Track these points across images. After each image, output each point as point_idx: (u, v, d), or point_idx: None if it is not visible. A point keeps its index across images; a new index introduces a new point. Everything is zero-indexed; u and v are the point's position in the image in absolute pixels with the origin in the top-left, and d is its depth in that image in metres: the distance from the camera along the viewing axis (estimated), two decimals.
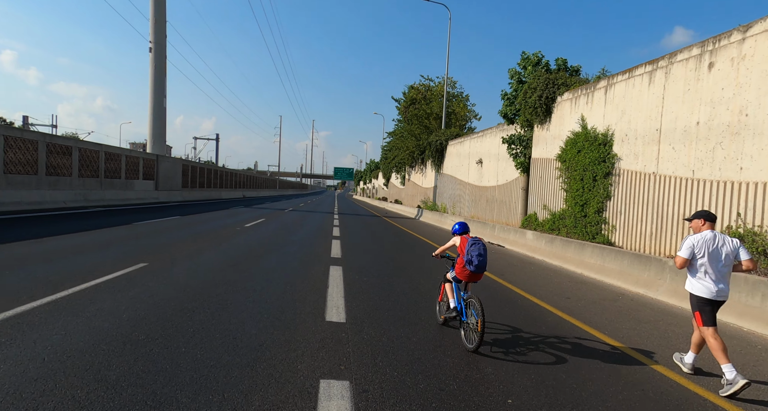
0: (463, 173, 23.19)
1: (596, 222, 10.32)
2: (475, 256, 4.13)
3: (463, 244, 4.28)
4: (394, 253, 11.02)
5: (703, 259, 3.65)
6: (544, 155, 13.18)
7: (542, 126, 13.25)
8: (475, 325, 3.96)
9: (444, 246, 4.71)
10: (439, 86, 34.60)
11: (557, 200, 12.32)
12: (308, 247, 11.10)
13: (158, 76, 28.45)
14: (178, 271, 6.95)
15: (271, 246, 10.82)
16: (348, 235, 14.47)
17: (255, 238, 12.29)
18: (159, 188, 27.74)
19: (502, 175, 18.03)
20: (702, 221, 3.80)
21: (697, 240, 3.70)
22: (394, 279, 7.57)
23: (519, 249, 12.89)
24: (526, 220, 13.82)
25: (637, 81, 9.25)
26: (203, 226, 14.51)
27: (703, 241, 3.67)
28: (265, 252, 9.72)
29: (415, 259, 10.03)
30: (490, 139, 19.65)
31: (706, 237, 3.68)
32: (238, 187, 53.03)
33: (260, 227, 15.51)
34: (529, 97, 13.25)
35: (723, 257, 3.62)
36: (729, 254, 3.64)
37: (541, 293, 7.13)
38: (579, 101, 11.46)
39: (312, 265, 8.47)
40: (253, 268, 7.65)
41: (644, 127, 8.95)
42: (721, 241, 3.65)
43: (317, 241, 12.29)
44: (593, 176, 10.44)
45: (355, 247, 11.57)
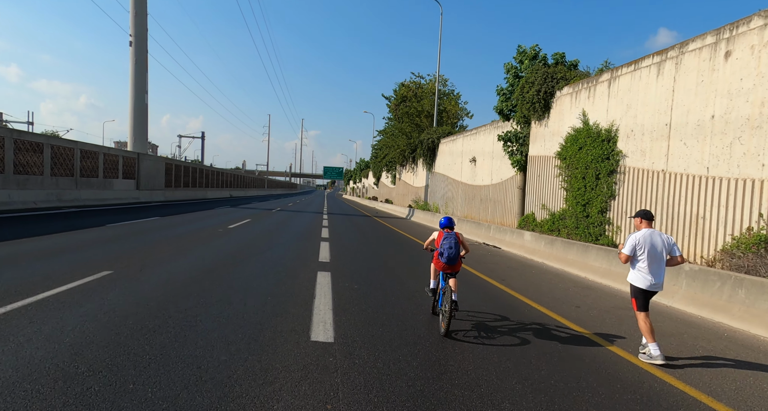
0: (455, 172, 22.64)
1: (600, 223, 9.79)
2: (445, 248, 4.53)
3: (440, 238, 4.70)
4: (385, 255, 10.36)
5: (642, 255, 4.09)
6: (543, 153, 12.64)
7: (540, 122, 12.72)
8: (446, 314, 4.32)
9: (429, 239, 5.13)
10: (430, 84, 34.04)
11: (557, 200, 11.78)
12: (295, 250, 10.38)
13: (139, 71, 27.35)
14: (145, 280, 6.19)
15: (254, 249, 10.07)
16: (337, 237, 13.77)
17: (238, 240, 11.52)
18: (140, 188, 26.65)
19: (497, 173, 17.50)
20: (640, 220, 4.22)
21: (638, 238, 4.12)
22: (387, 286, 6.91)
23: (516, 251, 12.34)
24: (524, 220, 13.28)
25: (643, 73, 8.73)
26: (183, 228, 13.67)
27: (643, 239, 4.09)
28: (247, 256, 8.98)
29: (409, 262, 9.39)
30: (483, 137, 19.11)
31: (645, 234, 4.11)
32: (225, 186, 51.84)
33: (245, 228, 14.71)
34: (526, 91, 12.70)
35: (659, 253, 4.08)
36: (664, 250, 4.09)
37: (547, 301, 6.54)
38: (580, 96, 10.93)
39: (298, 271, 7.76)
40: (232, 276, 6.92)
41: (652, 122, 8.43)
42: (657, 239, 4.10)
43: (305, 244, 11.57)
44: (596, 174, 9.91)
45: (345, 250, 10.89)
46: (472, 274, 8.48)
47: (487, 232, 15.13)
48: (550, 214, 11.87)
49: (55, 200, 17.73)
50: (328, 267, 8.34)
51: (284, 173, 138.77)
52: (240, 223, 16.46)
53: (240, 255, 9.12)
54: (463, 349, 4.13)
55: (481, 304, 6.01)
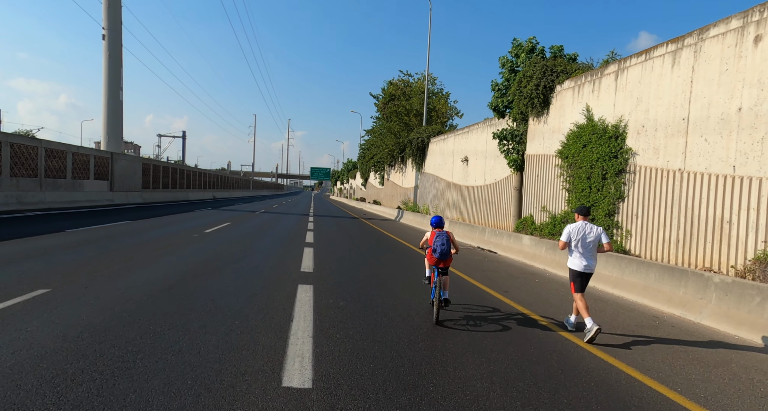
0: (446, 172, 21.85)
1: (607, 226, 9.04)
2: (438, 245, 5.12)
3: (432, 236, 5.28)
4: (376, 263, 9.44)
5: (576, 243, 4.90)
6: (542, 151, 11.88)
7: (539, 119, 11.96)
8: (436, 303, 5.00)
9: (423, 239, 5.59)
10: (418, 82, 33.27)
11: (558, 201, 11.02)
12: (275, 258, 9.39)
13: (113, 66, 25.91)
14: (87, 302, 5.15)
15: (229, 258, 9.06)
16: (323, 242, 12.80)
17: (213, 247, 10.47)
18: (114, 189, 25.21)
19: (491, 173, 16.74)
20: (577, 215, 5.05)
21: (573, 228, 4.94)
22: (379, 302, 6.00)
23: (514, 256, 11.56)
24: (521, 223, 12.50)
25: (656, 63, 8.00)
26: (153, 233, 12.53)
27: (576, 229, 4.91)
28: (219, 266, 7.97)
29: (402, 271, 8.49)
30: (476, 136, 18.35)
31: (578, 225, 4.93)
32: (208, 187, 50.27)
33: (222, 233, 13.63)
34: (524, 86, 11.94)
35: (589, 241, 4.86)
36: (594, 239, 4.87)
37: (561, 317, 5.71)
38: (583, 90, 10.19)
39: (276, 284, 6.79)
40: (197, 292, 5.92)
41: (667, 117, 7.70)
42: (589, 229, 4.90)
43: (287, 250, 10.58)
44: (602, 174, 9.16)
45: (331, 257, 9.94)
46: (470, 285, 7.61)
47: (481, 236, 14.33)
48: (551, 217, 11.10)
49: (14, 203, 16.34)
50: (311, 278, 7.39)
51: (270, 174, 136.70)
52: (218, 227, 15.35)
53: (212, 265, 8.10)
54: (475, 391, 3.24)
55: (487, 323, 5.14)
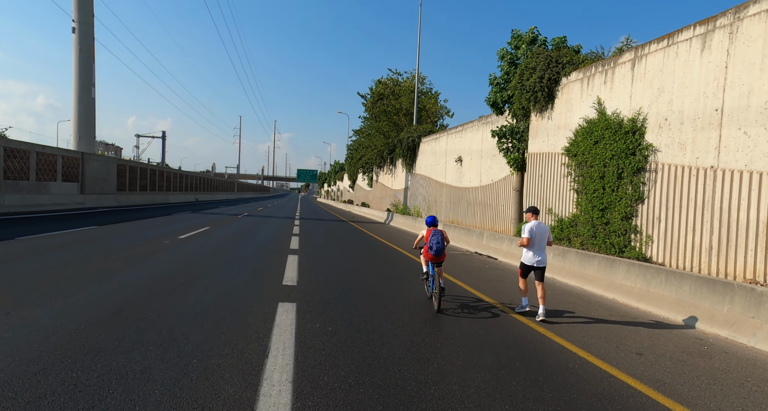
0: (439, 173, 20.94)
1: (624, 231, 8.17)
2: (434, 243, 5.68)
3: (428, 235, 5.80)
4: (368, 272, 8.40)
5: (531, 240, 5.66)
6: (546, 149, 11.01)
7: (542, 114, 11.10)
8: (436, 295, 5.58)
9: (417, 239, 6.11)
10: (407, 81, 32.40)
11: (566, 203, 10.15)
12: (254, 268, 8.28)
13: (84, 60, 24.36)
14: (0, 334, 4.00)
15: (201, 269, 7.92)
16: (309, 248, 11.71)
17: (183, 256, 9.30)
18: (86, 192, 23.63)
19: (487, 174, 15.86)
20: (531, 214, 5.86)
21: (530, 226, 5.71)
22: (376, 324, 4.97)
23: (512, 261, 10.65)
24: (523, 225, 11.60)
25: (682, 48, 7.16)
26: (119, 240, 11.26)
27: (531, 227, 5.69)
28: (187, 281, 6.84)
29: (398, 282, 7.46)
30: (471, 134, 17.47)
31: (534, 224, 5.72)
32: (190, 190, 48.53)
33: (199, 239, 12.42)
34: (526, 79, 11.07)
35: (541, 238, 5.69)
36: (544, 236, 5.72)
37: (590, 341, 4.76)
38: (593, 81, 9.35)
39: (252, 303, 5.71)
40: (151, 318, 4.80)
41: (695, 108, 6.86)
42: (540, 227, 5.72)
43: (268, 259, 9.47)
44: (618, 173, 8.31)
45: (318, 266, 8.88)
46: (479, 299, 6.62)
47: (479, 240, 13.41)
48: (558, 221, 10.23)
49: None
50: (295, 294, 6.33)
51: (256, 176, 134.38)
52: (195, 232, 14.12)
53: (179, 279, 6.96)
54: None
55: (511, 362, 4.15)
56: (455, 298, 6.60)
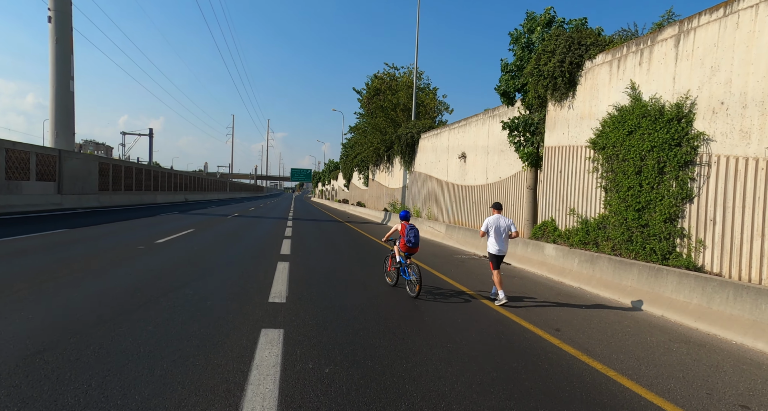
0: (440, 170, 19.78)
1: (667, 235, 7.04)
2: (411, 236, 6.31)
3: (403, 229, 6.39)
4: (369, 283, 7.17)
5: (492, 232, 6.32)
6: (565, 142, 9.87)
7: (561, 103, 9.95)
8: (414, 282, 6.15)
9: (389, 232, 6.83)
10: (405, 76, 31.19)
11: (592, 203, 9.01)
12: (236, 280, 7.04)
13: (62, 52, 22.88)
14: None
15: (172, 282, 6.68)
16: (302, 253, 10.49)
17: (156, 265, 8.03)
18: (64, 191, 22.18)
19: (494, 171, 14.71)
20: (494, 210, 6.61)
21: (490, 220, 6.40)
22: (386, 362, 3.77)
23: (534, 269, 9.51)
24: (540, 229, 10.46)
25: (744, 17, 6.03)
26: (85, 247, 9.96)
27: (492, 221, 6.38)
28: (150, 299, 5.59)
29: (406, 298, 6.24)
30: (476, 129, 16.31)
31: (494, 218, 6.42)
32: (180, 189, 46.99)
33: (179, 243, 11.14)
34: (543, 64, 9.91)
35: (502, 230, 6.33)
36: (505, 228, 6.35)
37: (667, 384, 3.56)
38: (625, 63, 8.21)
39: (228, 331, 4.50)
40: (85, 358, 3.57)
41: (763, 88, 5.74)
42: (501, 221, 6.38)
43: (255, 267, 8.23)
44: (659, 167, 7.17)
45: (311, 276, 7.66)
46: (505, 319, 5.40)
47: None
48: (582, 222, 9.08)
49: None
50: (282, 315, 5.12)
51: (249, 176, 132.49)
52: (176, 236, 12.83)
53: (141, 296, 5.72)
54: None
55: (538, 383, 2.97)
56: (490, 324, 5.40)
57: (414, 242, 6.30)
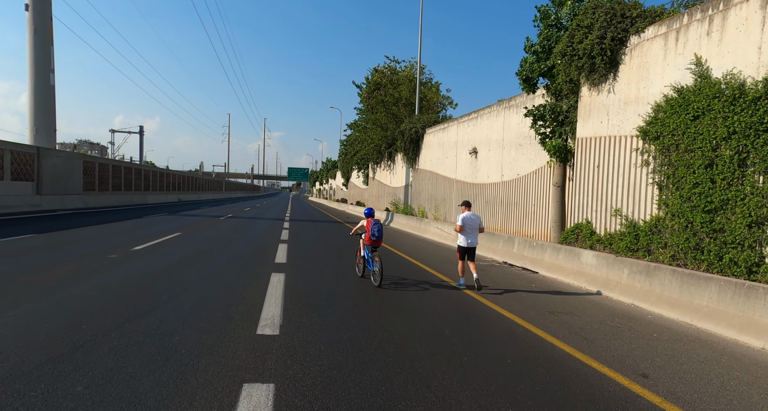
0: (447, 168, 18.41)
1: (754, 242, 5.69)
2: (376, 231, 6.86)
3: (369, 224, 6.93)
4: (383, 303, 5.76)
5: (465, 227, 6.95)
6: (604, 132, 8.53)
7: (599, 87, 8.60)
8: (377, 272, 6.72)
9: (356, 227, 7.34)
10: (406, 70, 29.79)
11: (641, 202, 7.66)
12: (218, 300, 5.65)
13: (41, 43, 21.36)
14: None
15: (140, 303, 5.30)
16: (300, 261, 9.11)
17: (121, 280, 6.62)
18: (43, 192, 20.70)
19: (511, 167, 13.37)
20: (464, 207, 7.23)
21: (463, 216, 7.01)
22: None
23: (569, 279, 8.18)
24: (572, 232, 9.12)
25: None
26: (51, 255, 8.55)
27: (466, 217, 7.00)
28: (106, 330, 4.23)
29: (430, 322, 4.86)
30: (489, 122, 14.95)
31: (467, 215, 7.05)
32: (173, 189, 45.48)
33: (157, 251, 9.73)
34: (578, 42, 8.56)
35: (473, 226, 7.02)
36: (475, 224, 7.04)
37: None
38: (686, 35, 6.86)
39: (197, 386, 3.12)
40: None
41: None
42: (474, 217, 7.06)
43: (242, 283, 6.84)
44: (739, 159, 5.83)
45: (312, 292, 6.29)
46: (567, 357, 3.96)
47: (508, 247, 10.91)
48: (629, 225, 7.73)
49: None
50: (273, 358, 3.75)
51: (246, 175, 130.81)
52: (159, 241, 11.42)
53: (91, 326, 4.33)
54: None
55: None
56: (526, 348, 4.02)
57: (378, 236, 6.90)
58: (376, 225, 6.89)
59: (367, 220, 7.03)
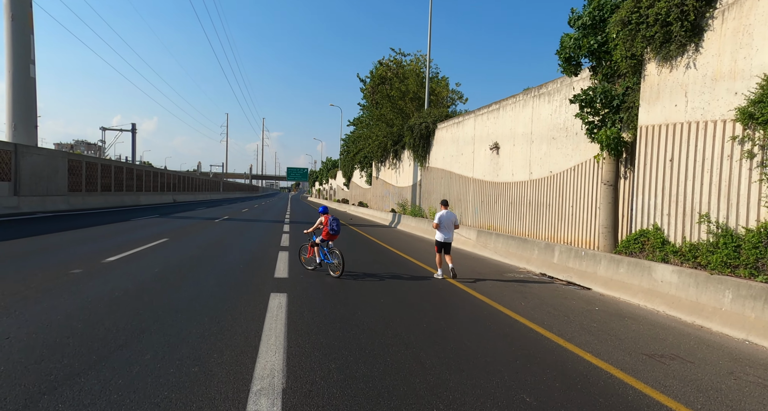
0: (463, 165, 16.81)
1: None
2: (335, 225, 7.49)
3: (326, 221, 7.52)
4: (423, 347, 4.12)
5: (442, 223, 7.92)
6: (682, 117, 6.93)
7: (673, 62, 7.00)
8: (336, 265, 7.39)
9: (314, 225, 7.81)
10: (412, 64, 28.17)
11: (742, 204, 6.05)
12: (196, 342, 3.96)
13: (19, 31, 19.68)
14: None
15: (77, 352, 3.65)
16: (305, 273, 7.47)
17: (75, 306, 4.97)
18: (21, 193, 19.04)
19: (542, 164, 11.77)
20: (442, 206, 8.25)
21: (440, 215, 7.97)
22: None
23: (635, 299, 6.60)
24: (635, 241, 7.52)
25: None
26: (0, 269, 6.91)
27: (442, 215, 7.98)
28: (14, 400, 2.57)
29: (487, 372, 3.29)
30: (513, 113, 13.35)
31: (444, 213, 8.02)
32: (168, 190, 43.82)
33: (132, 263, 8.09)
34: (647, 5, 6.95)
35: (450, 222, 7.99)
36: (451, 222, 8.01)
37: None
38: None
39: None
40: None
41: None
42: (450, 215, 8.04)
43: (232, 310, 5.18)
44: None
45: (321, 318, 4.67)
46: None
47: (545, 257, 9.32)
48: (723, 235, 6.13)
49: None
50: None
51: (244, 175, 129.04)
52: (138, 250, 9.78)
53: None
54: None
55: None
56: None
57: (337, 229, 7.49)
58: (335, 221, 7.58)
59: (325, 217, 7.64)
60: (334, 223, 7.57)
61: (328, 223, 7.52)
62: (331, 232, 7.50)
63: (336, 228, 7.53)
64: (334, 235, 7.58)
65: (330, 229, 7.48)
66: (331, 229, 7.49)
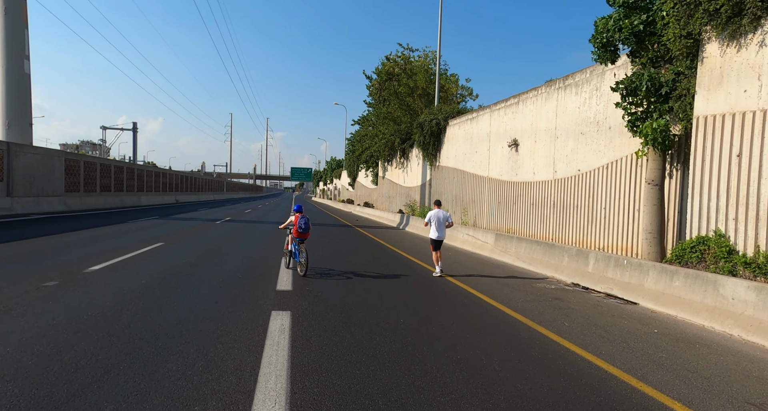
0: (477, 164, 15.82)
1: None
2: (303, 224, 7.68)
3: (297, 219, 7.76)
4: (451, 377, 3.18)
5: (433, 222, 8.38)
6: (752, 105, 5.93)
7: (741, 40, 6.00)
8: (303, 262, 7.56)
9: (286, 222, 8.25)
10: (420, 60, 27.19)
11: None
12: (180, 377, 3.02)
13: (13, 25, 18.92)
14: None
15: (24, 397, 2.70)
16: (312, 286, 6.53)
17: (40, 331, 4.02)
18: (15, 193, 18.26)
19: (568, 161, 10.77)
20: (435, 205, 8.75)
21: (431, 213, 8.45)
22: None
23: (697, 319, 5.62)
24: (691, 249, 6.53)
25: None
26: None
27: (433, 214, 8.45)
28: None
29: None
30: (535, 107, 12.35)
31: (434, 212, 8.47)
32: (170, 190, 43.10)
33: (119, 272, 7.18)
34: None
35: (441, 220, 8.37)
36: (443, 219, 8.41)
37: None
38: None
39: None
40: None
41: None
42: (441, 213, 8.45)
43: (227, 333, 4.23)
44: None
45: (333, 348, 3.72)
46: None
47: (578, 264, 8.33)
48: None
49: None
50: None
51: (248, 175, 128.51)
52: (128, 256, 8.89)
53: None
54: None
55: None
56: None
57: (305, 228, 7.73)
58: (303, 219, 7.79)
59: (296, 215, 7.89)
60: (302, 221, 7.79)
61: (297, 222, 7.75)
62: (299, 230, 7.73)
63: (304, 226, 7.74)
64: (303, 234, 7.76)
65: (299, 227, 7.72)
66: (299, 227, 7.72)
